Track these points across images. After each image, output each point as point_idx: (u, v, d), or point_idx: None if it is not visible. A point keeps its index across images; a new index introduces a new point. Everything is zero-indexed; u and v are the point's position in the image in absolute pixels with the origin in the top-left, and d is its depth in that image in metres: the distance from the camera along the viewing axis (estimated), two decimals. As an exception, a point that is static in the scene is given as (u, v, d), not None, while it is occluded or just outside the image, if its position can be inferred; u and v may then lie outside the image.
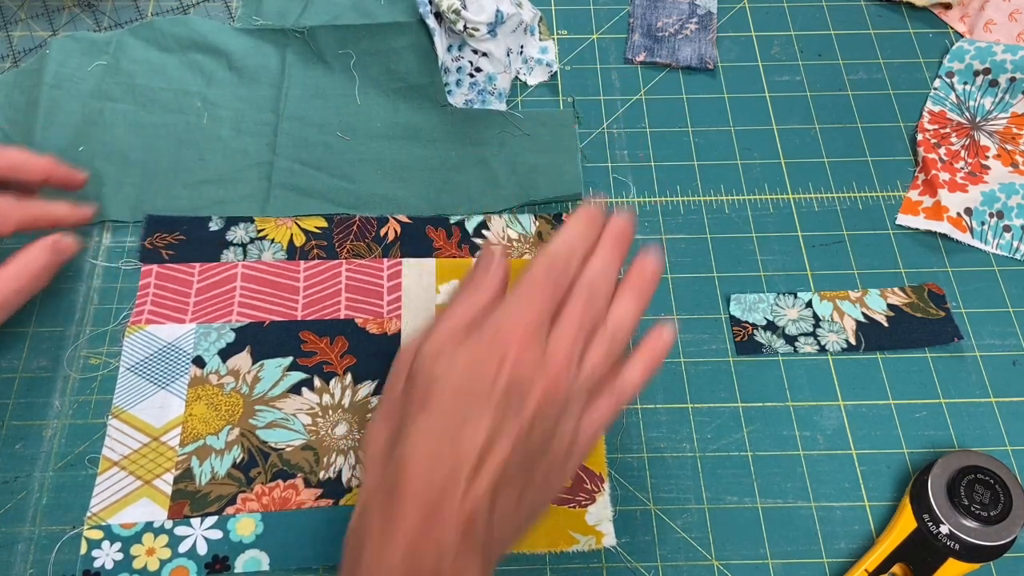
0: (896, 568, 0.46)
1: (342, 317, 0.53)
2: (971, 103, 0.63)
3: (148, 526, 0.46)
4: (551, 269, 0.42)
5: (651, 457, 0.50)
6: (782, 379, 0.52)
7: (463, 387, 0.39)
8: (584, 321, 0.41)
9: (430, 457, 0.38)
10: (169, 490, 0.47)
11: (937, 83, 0.64)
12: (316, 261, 0.55)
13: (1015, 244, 0.57)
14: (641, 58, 0.65)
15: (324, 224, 0.56)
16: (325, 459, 0.49)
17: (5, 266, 0.47)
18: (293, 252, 0.55)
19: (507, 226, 0.57)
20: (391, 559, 0.36)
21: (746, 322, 0.54)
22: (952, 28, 0.67)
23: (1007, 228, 0.57)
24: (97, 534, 0.46)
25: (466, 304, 0.42)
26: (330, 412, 0.50)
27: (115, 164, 0.58)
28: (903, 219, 0.58)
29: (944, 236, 0.58)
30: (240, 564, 0.46)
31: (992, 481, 0.46)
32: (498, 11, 0.59)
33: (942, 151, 0.60)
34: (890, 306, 0.55)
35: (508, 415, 0.38)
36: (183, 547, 0.46)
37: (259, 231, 0.56)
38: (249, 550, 0.46)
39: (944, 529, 0.45)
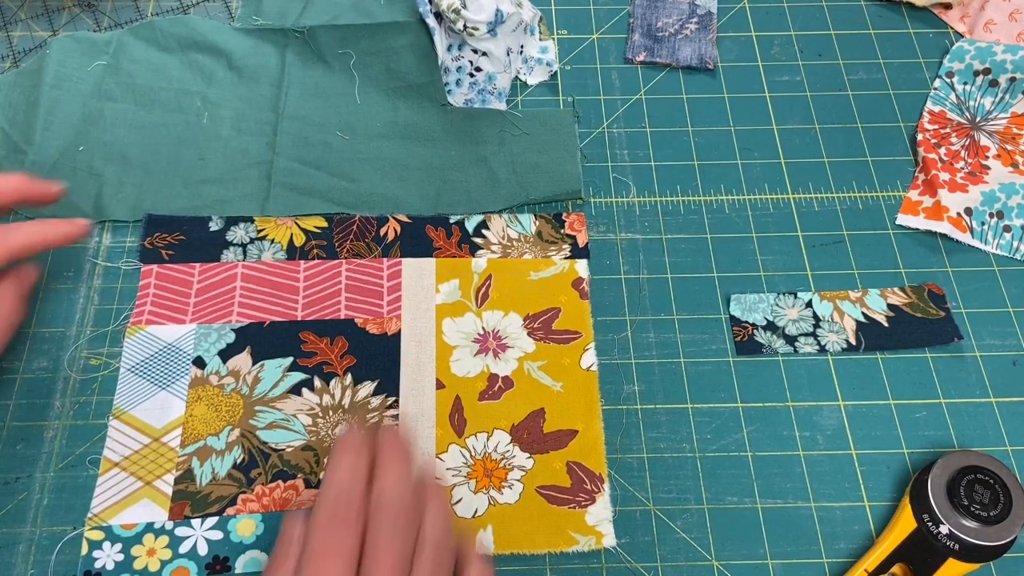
0: (896, 568, 0.46)
1: (342, 317, 0.53)
2: (971, 103, 0.63)
3: (149, 527, 0.46)
4: (334, 514, 0.37)
5: (651, 457, 0.50)
6: (782, 379, 0.53)
7: None
8: (396, 552, 0.37)
9: None
10: (170, 491, 0.47)
11: (937, 83, 0.64)
12: (316, 261, 0.55)
13: (1015, 244, 0.57)
14: (641, 58, 0.65)
15: (324, 224, 0.56)
16: (325, 460, 0.49)
17: None
18: (293, 252, 0.55)
19: (507, 225, 0.57)
20: None
21: (746, 322, 0.54)
22: (952, 28, 0.67)
23: (1007, 228, 0.57)
24: (98, 535, 0.46)
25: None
26: (330, 413, 0.50)
27: (115, 164, 0.58)
28: (903, 219, 0.58)
29: (944, 236, 0.58)
30: (241, 565, 0.46)
31: (992, 481, 0.46)
32: (498, 10, 0.59)
33: (942, 151, 0.60)
34: (890, 306, 0.55)
35: None
36: (184, 548, 0.46)
37: (259, 231, 0.56)
38: (250, 551, 0.46)
39: (944, 529, 0.45)
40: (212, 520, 0.47)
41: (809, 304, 0.55)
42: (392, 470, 0.39)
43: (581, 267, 0.56)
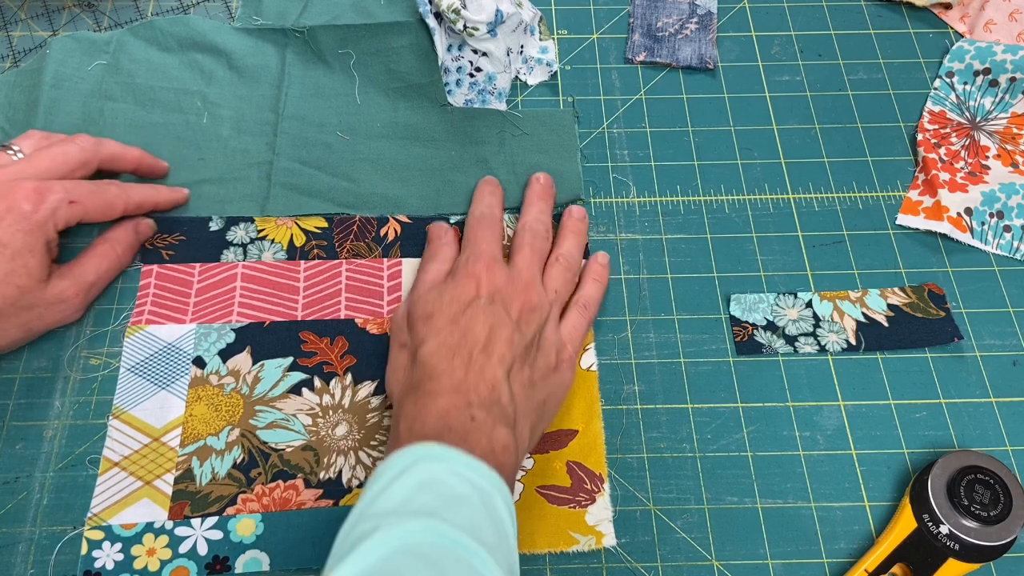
0: (896, 568, 0.46)
1: (342, 317, 0.53)
2: (971, 103, 0.63)
3: (149, 527, 0.46)
4: (481, 220, 0.53)
5: (651, 457, 0.50)
6: (782, 379, 0.53)
7: (455, 309, 0.47)
8: (534, 252, 0.52)
9: (447, 350, 0.45)
10: (169, 491, 0.47)
11: (937, 83, 0.64)
12: (316, 261, 0.55)
13: (1015, 244, 0.57)
14: (641, 58, 0.65)
15: (324, 224, 0.56)
16: (325, 460, 0.49)
17: (94, 246, 0.52)
18: (293, 252, 0.55)
19: (508, 226, 0.57)
20: (424, 427, 0.41)
21: (746, 322, 0.54)
22: (952, 28, 0.67)
23: (1007, 228, 0.57)
24: (98, 534, 0.46)
25: (432, 269, 0.52)
26: (330, 413, 0.50)
27: (115, 164, 0.58)
28: (903, 219, 0.58)
29: (944, 236, 0.58)
30: (240, 565, 0.46)
31: (992, 481, 0.46)
32: (498, 11, 0.59)
33: (942, 151, 0.60)
34: (890, 306, 0.55)
35: (498, 315, 0.46)
36: (183, 547, 0.46)
37: (259, 231, 0.56)
38: (249, 551, 0.46)
39: (944, 529, 0.45)
40: (212, 520, 0.47)
41: (809, 304, 0.55)
42: (534, 207, 0.55)
43: (581, 267, 0.56)
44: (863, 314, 0.54)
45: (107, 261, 0.52)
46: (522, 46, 0.64)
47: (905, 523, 0.47)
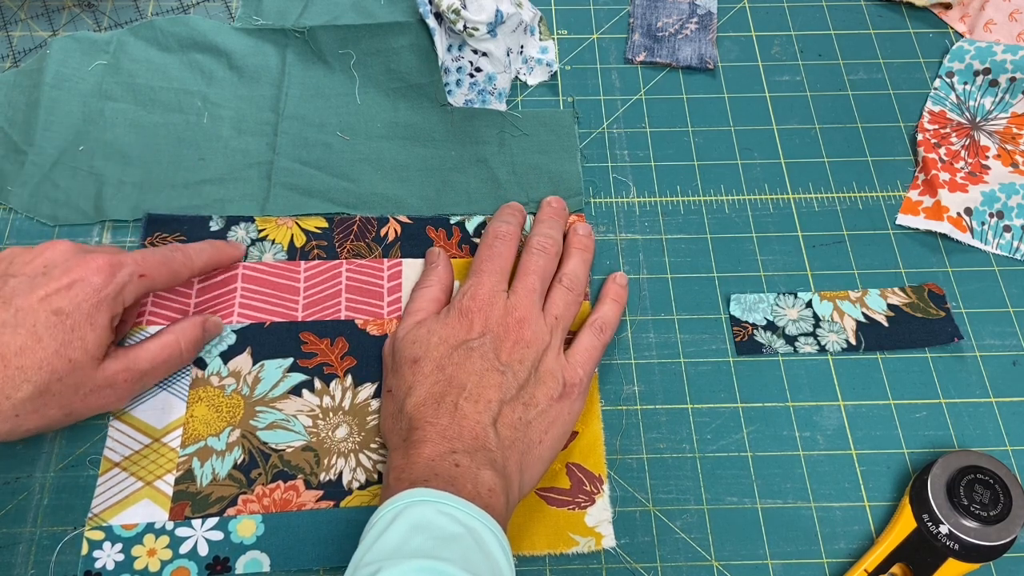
0: (896, 568, 0.46)
1: (342, 318, 0.53)
2: (971, 103, 0.63)
3: (149, 527, 0.46)
4: (494, 242, 0.52)
5: (651, 458, 0.50)
6: (782, 379, 0.53)
7: (443, 352, 0.47)
8: (537, 276, 0.50)
9: (432, 400, 0.45)
10: (170, 491, 0.47)
11: (937, 83, 0.64)
12: (316, 261, 0.55)
13: (1015, 244, 0.57)
14: (641, 58, 0.65)
15: (324, 224, 0.57)
16: (326, 461, 0.49)
17: (159, 335, 0.48)
18: (293, 252, 0.55)
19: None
20: (411, 475, 0.41)
21: (746, 322, 0.54)
22: (952, 28, 0.67)
23: (1007, 228, 0.57)
24: (98, 535, 0.46)
25: (424, 295, 0.52)
26: (331, 414, 0.50)
27: (115, 164, 0.58)
28: (903, 219, 0.58)
29: (944, 236, 0.58)
30: (241, 565, 0.46)
31: (992, 481, 0.46)
32: (498, 11, 0.59)
33: (942, 151, 0.60)
34: (890, 306, 0.55)
35: (487, 358, 0.46)
36: (184, 548, 0.46)
37: (260, 231, 0.56)
38: (250, 551, 0.46)
39: (944, 529, 0.45)
40: (212, 520, 0.47)
41: (809, 304, 0.55)
42: (544, 226, 0.54)
43: (581, 267, 0.56)
44: (863, 314, 0.54)
45: (167, 352, 0.48)
46: (522, 46, 0.64)
47: (905, 523, 0.47)
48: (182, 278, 0.50)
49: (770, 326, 0.54)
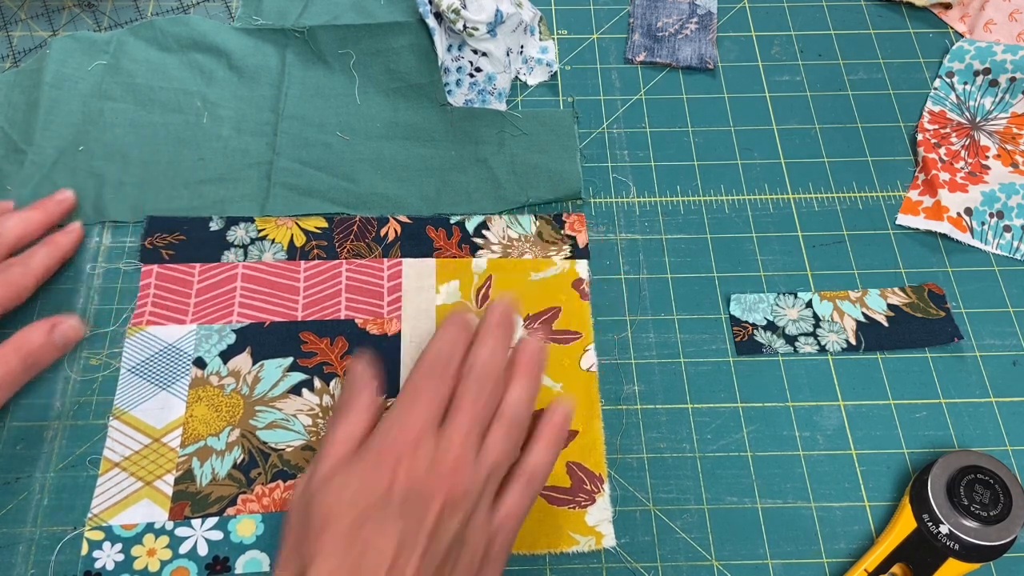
0: (896, 568, 0.46)
1: (342, 318, 0.53)
2: (971, 103, 0.63)
3: (149, 527, 0.46)
4: (431, 369, 0.42)
5: (651, 457, 0.50)
6: (782, 379, 0.53)
7: (358, 512, 0.38)
8: (475, 413, 0.41)
9: None
10: (170, 491, 0.47)
11: (937, 83, 0.64)
12: (316, 261, 0.55)
13: (1015, 244, 0.57)
14: (641, 58, 0.65)
15: (324, 224, 0.56)
16: None
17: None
18: (293, 252, 0.55)
19: (507, 226, 0.57)
20: None
21: (746, 322, 0.54)
22: (952, 28, 0.67)
23: (1007, 228, 0.57)
24: (98, 535, 0.46)
25: (343, 428, 0.42)
26: (331, 413, 0.50)
27: (115, 164, 0.58)
28: (903, 219, 0.58)
29: (944, 236, 0.58)
30: (240, 565, 0.46)
31: (992, 481, 0.46)
32: (498, 11, 0.59)
33: (942, 151, 0.60)
34: (890, 306, 0.55)
35: (410, 526, 0.37)
36: (184, 548, 0.46)
37: (259, 231, 0.56)
38: (250, 551, 0.46)
39: (944, 529, 0.45)
40: (212, 520, 0.47)
41: (809, 304, 0.55)
42: (488, 344, 0.43)
43: (581, 267, 0.56)
44: (863, 314, 0.54)
45: (5, 366, 0.45)
46: (522, 46, 0.64)
47: (905, 523, 0.47)
48: (28, 289, 0.50)
49: (770, 326, 0.54)
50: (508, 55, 0.62)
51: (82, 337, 0.50)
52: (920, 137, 0.61)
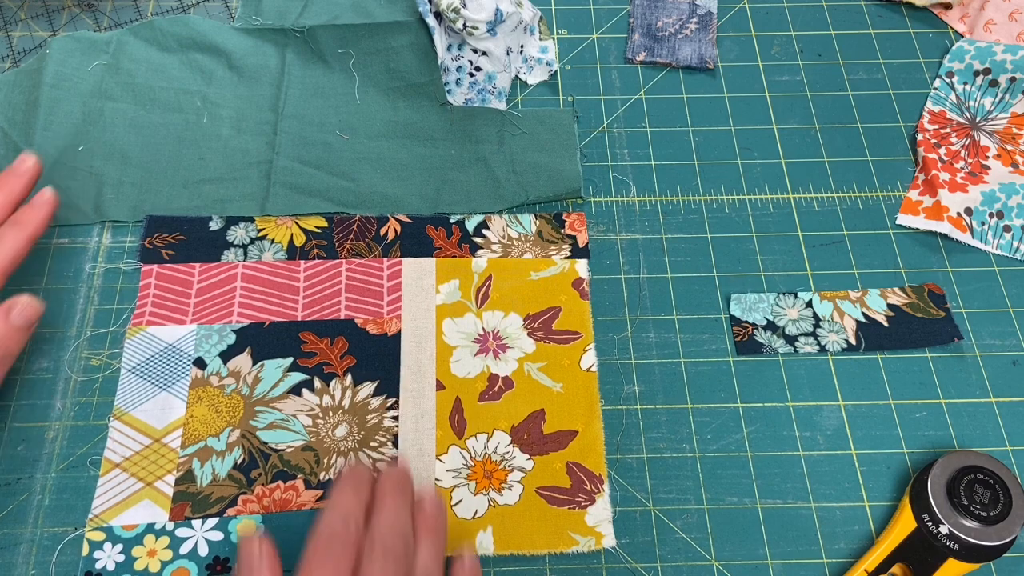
0: (896, 568, 0.46)
1: (342, 317, 0.53)
2: (971, 103, 0.63)
3: (149, 528, 0.46)
4: (329, 543, 0.39)
5: (651, 457, 0.50)
6: (782, 379, 0.53)
7: None
8: None
9: None
10: (170, 492, 0.47)
11: (937, 83, 0.64)
12: (316, 261, 0.55)
13: (1015, 244, 0.57)
14: (641, 58, 0.65)
15: (324, 224, 0.56)
16: (326, 460, 0.49)
17: None
18: (293, 252, 0.55)
19: (507, 225, 0.57)
20: None
21: (746, 322, 0.54)
22: (952, 28, 0.67)
23: (1007, 228, 0.57)
24: (99, 535, 0.46)
25: None
26: (330, 413, 0.50)
27: (115, 164, 0.58)
28: (903, 219, 0.58)
29: (944, 236, 0.58)
30: (241, 565, 0.46)
31: (992, 481, 0.46)
32: (498, 10, 0.59)
33: (942, 151, 0.60)
34: (890, 306, 0.55)
35: None
36: (184, 548, 0.46)
37: (259, 231, 0.56)
38: (250, 551, 0.46)
39: (944, 529, 0.45)
40: (213, 521, 0.47)
41: (809, 304, 0.55)
42: (388, 507, 0.40)
43: (581, 267, 0.56)
44: (863, 314, 0.54)
45: None
46: (522, 46, 0.64)
47: (905, 523, 0.47)
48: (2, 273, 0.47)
49: (770, 326, 0.54)
50: (508, 54, 0.62)
51: (41, 312, 0.47)
52: (920, 137, 0.61)
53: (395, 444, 0.49)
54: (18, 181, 0.50)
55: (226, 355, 0.52)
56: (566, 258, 0.56)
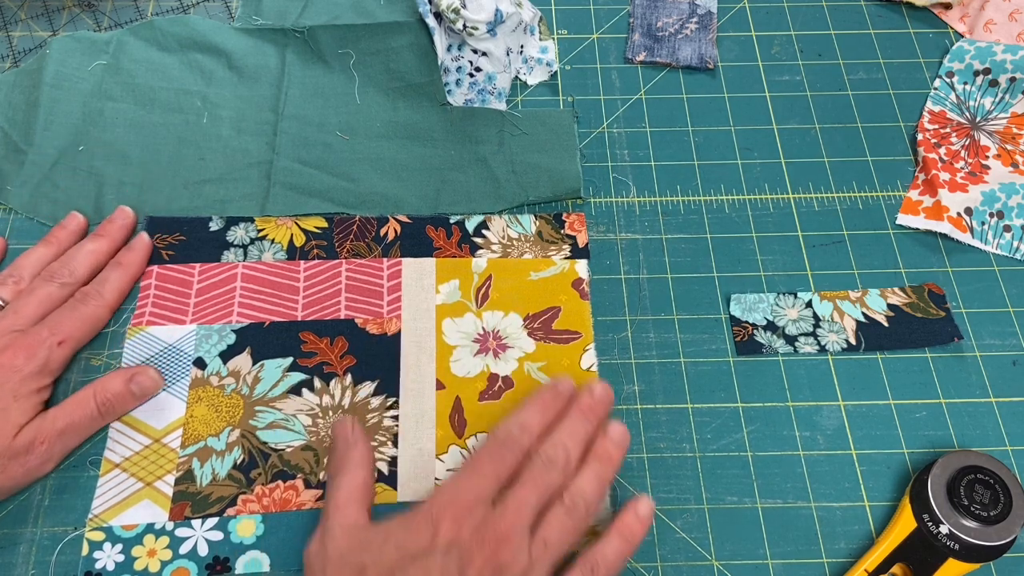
0: (896, 568, 0.46)
1: (342, 317, 0.53)
2: (971, 103, 0.63)
3: (149, 527, 0.46)
4: (502, 444, 0.43)
5: (651, 457, 0.50)
6: (782, 379, 0.53)
7: (395, 561, 0.38)
8: (534, 489, 0.41)
9: None
10: (170, 492, 0.47)
11: (937, 83, 0.64)
12: (316, 261, 0.55)
13: (1015, 244, 0.57)
14: (641, 58, 0.65)
15: (324, 224, 0.56)
16: (325, 460, 0.49)
17: (77, 393, 0.48)
18: (293, 252, 0.55)
19: (507, 226, 0.57)
20: None
21: (746, 322, 0.54)
22: (952, 28, 0.67)
23: (1007, 228, 0.57)
24: (99, 535, 0.46)
25: (351, 481, 0.43)
26: (330, 413, 0.50)
27: (115, 164, 0.58)
28: (903, 219, 0.58)
29: (944, 236, 0.58)
30: (241, 565, 0.46)
31: (992, 481, 0.46)
32: (498, 10, 0.59)
33: (942, 151, 0.60)
34: (890, 306, 0.55)
35: (450, 572, 0.38)
36: (184, 548, 0.46)
37: (259, 231, 0.56)
38: (250, 551, 0.46)
39: (944, 529, 0.45)
40: (212, 521, 0.47)
41: (809, 304, 0.55)
42: (566, 425, 0.44)
43: (581, 267, 0.56)
44: (863, 314, 0.54)
45: (82, 409, 0.47)
46: (522, 46, 0.64)
47: (905, 523, 0.47)
48: (103, 320, 0.51)
49: (770, 326, 0.54)
50: (508, 55, 0.62)
51: (159, 389, 0.50)
52: (920, 137, 0.61)
53: (395, 444, 0.49)
54: (119, 230, 0.55)
55: (226, 355, 0.52)
56: (566, 258, 0.56)
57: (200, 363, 0.51)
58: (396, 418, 0.50)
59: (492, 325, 0.53)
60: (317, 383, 0.51)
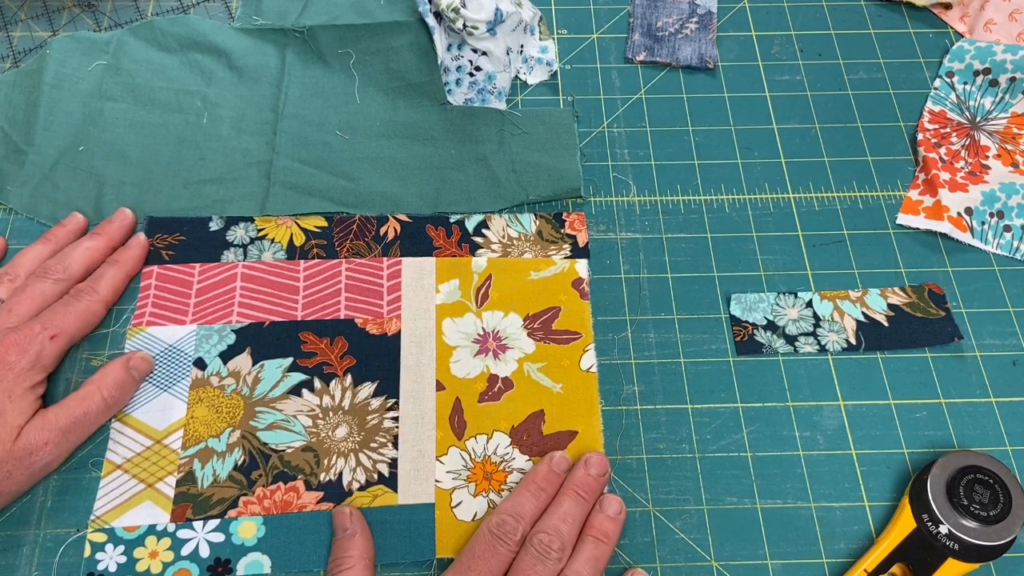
0: (896, 568, 0.46)
1: (342, 317, 0.53)
2: (971, 103, 0.63)
3: (151, 529, 0.46)
4: (494, 534, 0.44)
5: (650, 458, 0.50)
6: (782, 379, 0.53)
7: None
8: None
9: None
10: (172, 493, 0.47)
11: (937, 83, 0.64)
12: (316, 261, 0.55)
13: (1015, 244, 0.57)
14: (641, 57, 0.65)
15: (324, 224, 0.57)
16: (326, 461, 0.49)
17: (79, 388, 0.48)
18: (293, 252, 0.55)
19: (507, 225, 0.57)
20: None
21: (746, 322, 0.54)
22: (952, 28, 0.67)
23: (1007, 228, 0.57)
24: (101, 537, 0.46)
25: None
26: (331, 414, 0.50)
27: (115, 164, 0.58)
28: (903, 219, 0.58)
29: (944, 236, 0.58)
30: (242, 567, 0.46)
31: (992, 481, 0.46)
32: (497, 9, 0.59)
33: (942, 151, 0.60)
34: (890, 306, 0.55)
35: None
36: (185, 550, 0.46)
37: (259, 231, 0.56)
38: (251, 553, 0.46)
39: (943, 529, 0.45)
40: (214, 522, 0.47)
41: (809, 304, 0.55)
42: (560, 508, 0.45)
43: (581, 267, 0.56)
44: (863, 314, 0.54)
45: (87, 403, 0.47)
46: (522, 45, 0.64)
47: (904, 523, 0.47)
48: (98, 315, 0.51)
49: (770, 326, 0.54)
50: (508, 54, 0.62)
51: (151, 369, 0.51)
52: (920, 137, 0.61)
53: (395, 445, 0.49)
54: (117, 230, 0.55)
55: (226, 355, 0.52)
56: (566, 258, 0.56)
57: (200, 363, 0.51)
58: (396, 419, 0.50)
59: (492, 325, 0.54)
60: (317, 384, 0.51)
